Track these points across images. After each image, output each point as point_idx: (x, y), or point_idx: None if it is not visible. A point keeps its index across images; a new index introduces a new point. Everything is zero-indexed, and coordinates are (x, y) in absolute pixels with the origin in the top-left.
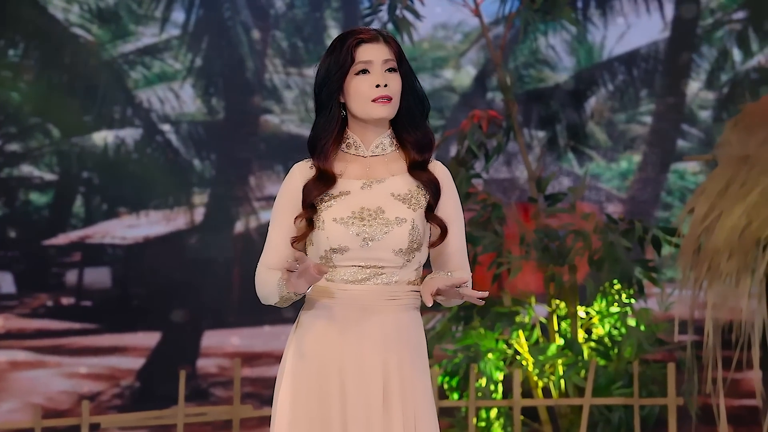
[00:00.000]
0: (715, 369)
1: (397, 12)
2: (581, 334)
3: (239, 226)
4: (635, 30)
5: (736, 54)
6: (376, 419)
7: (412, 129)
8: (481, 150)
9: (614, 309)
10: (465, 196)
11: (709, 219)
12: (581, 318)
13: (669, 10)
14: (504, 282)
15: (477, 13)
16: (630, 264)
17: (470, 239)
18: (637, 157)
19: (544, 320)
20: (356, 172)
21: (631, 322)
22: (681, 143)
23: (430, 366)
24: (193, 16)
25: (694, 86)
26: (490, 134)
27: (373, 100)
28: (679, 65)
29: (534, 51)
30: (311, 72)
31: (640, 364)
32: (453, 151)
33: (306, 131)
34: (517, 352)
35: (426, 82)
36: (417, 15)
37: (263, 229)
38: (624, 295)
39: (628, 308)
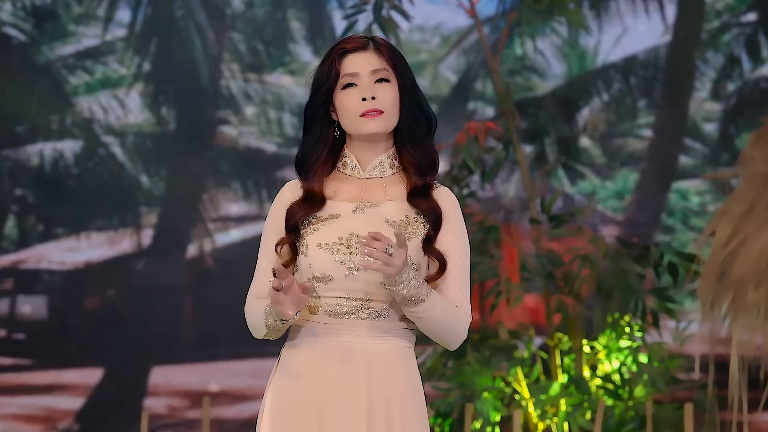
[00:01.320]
0: (740, 411)
1: (384, 12)
2: (587, 371)
3: (192, 250)
4: (633, 34)
5: (745, 60)
6: None
7: (413, 148)
8: (478, 165)
9: (624, 343)
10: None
11: (732, 244)
12: (586, 353)
13: (670, 12)
14: (499, 312)
15: (473, 13)
16: (643, 293)
17: None
18: (634, 175)
19: (545, 355)
20: (349, 194)
21: (643, 357)
22: (683, 159)
23: None
24: (141, 15)
25: (698, 96)
26: (488, 148)
27: (362, 115)
28: (682, 73)
29: (521, 56)
30: (273, 79)
31: (654, 405)
32: (443, 166)
33: (267, 144)
34: (515, 391)
35: None
36: (405, 15)
37: (219, 254)
38: (635, 328)
39: (639, 342)
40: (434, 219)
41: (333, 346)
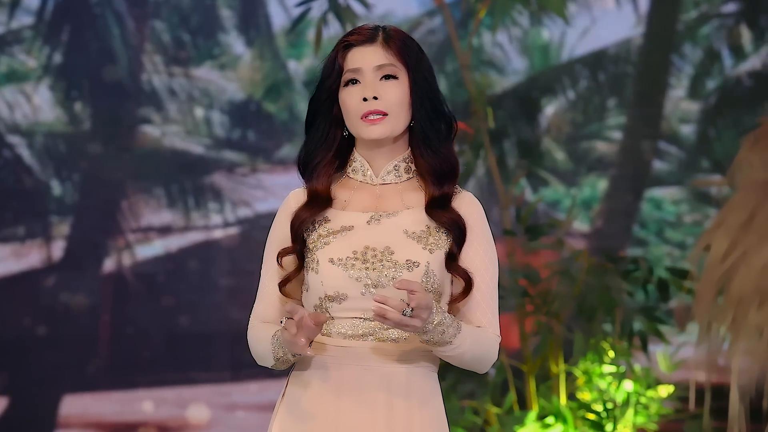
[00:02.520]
0: None
1: (341, 0)
2: (565, 400)
3: (109, 264)
4: (602, 25)
5: (726, 55)
6: None
7: (429, 154)
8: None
9: (608, 368)
10: None
11: (731, 258)
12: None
13: (643, 1)
14: None
15: (440, 2)
16: (631, 313)
17: None
18: (603, 182)
19: (518, 382)
20: (363, 203)
21: (631, 385)
22: (658, 165)
23: None
24: (51, 1)
25: (674, 95)
26: (459, 151)
27: (363, 117)
28: (656, 69)
29: (477, 50)
30: (201, 73)
31: None
32: None
33: (193, 146)
34: (487, 422)
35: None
36: (365, 4)
37: (140, 268)
38: (620, 351)
39: (624, 368)
40: (458, 232)
41: (348, 372)
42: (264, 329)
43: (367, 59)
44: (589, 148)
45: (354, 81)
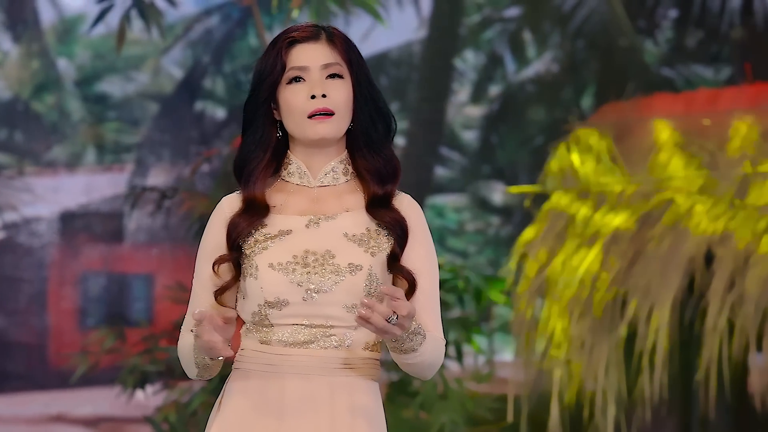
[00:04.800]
0: None
1: None
2: None
3: None
4: (384, 28)
5: (509, 60)
6: None
7: (371, 154)
8: None
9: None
10: None
11: (549, 266)
12: None
13: (426, 3)
14: None
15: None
16: (445, 322)
17: None
18: None
19: None
20: (299, 206)
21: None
22: (440, 171)
23: None
24: None
25: (456, 100)
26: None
27: (310, 116)
28: (439, 73)
29: (256, 50)
30: None
31: None
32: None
33: None
34: None
35: (115, 86)
36: (172, 2)
37: None
38: None
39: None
40: (399, 232)
41: (290, 381)
42: (188, 338)
43: (313, 57)
44: None
45: (298, 78)
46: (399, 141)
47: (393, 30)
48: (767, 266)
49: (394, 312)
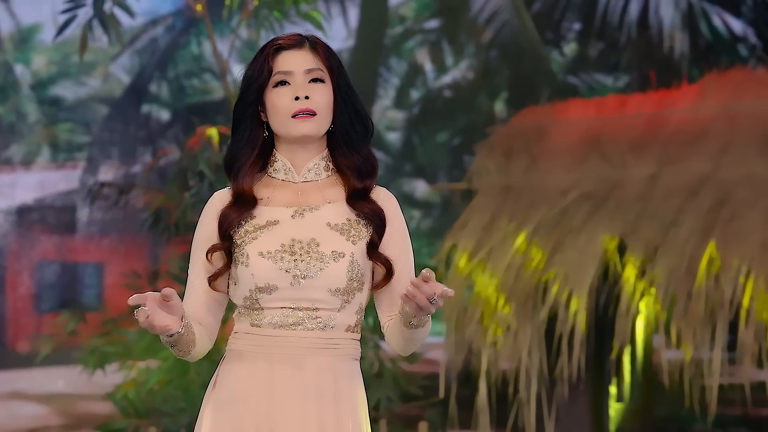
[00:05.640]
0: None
1: (105, 7)
2: None
3: None
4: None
5: (429, 68)
6: None
7: (350, 152)
8: (215, 171)
9: None
10: (189, 227)
11: (477, 257)
12: None
13: (353, 15)
14: None
15: (202, 12)
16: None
17: None
18: None
19: None
20: (285, 199)
21: (388, 372)
22: None
23: None
24: None
25: (381, 104)
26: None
27: (294, 116)
28: (365, 80)
29: (197, 57)
30: None
31: (387, 425)
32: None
33: None
34: None
35: (68, 90)
36: (130, 13)
37: None
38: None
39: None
40: (378, 222)
41: (280, 359)
42: None
43: (298, 62)
44: None
45: (284, 82)
46: None
47: (324, 39)
48: (674, 256)
49: (435, 293)
